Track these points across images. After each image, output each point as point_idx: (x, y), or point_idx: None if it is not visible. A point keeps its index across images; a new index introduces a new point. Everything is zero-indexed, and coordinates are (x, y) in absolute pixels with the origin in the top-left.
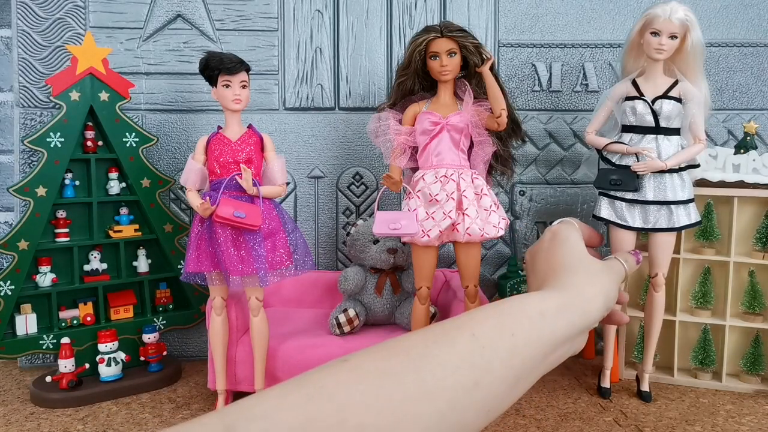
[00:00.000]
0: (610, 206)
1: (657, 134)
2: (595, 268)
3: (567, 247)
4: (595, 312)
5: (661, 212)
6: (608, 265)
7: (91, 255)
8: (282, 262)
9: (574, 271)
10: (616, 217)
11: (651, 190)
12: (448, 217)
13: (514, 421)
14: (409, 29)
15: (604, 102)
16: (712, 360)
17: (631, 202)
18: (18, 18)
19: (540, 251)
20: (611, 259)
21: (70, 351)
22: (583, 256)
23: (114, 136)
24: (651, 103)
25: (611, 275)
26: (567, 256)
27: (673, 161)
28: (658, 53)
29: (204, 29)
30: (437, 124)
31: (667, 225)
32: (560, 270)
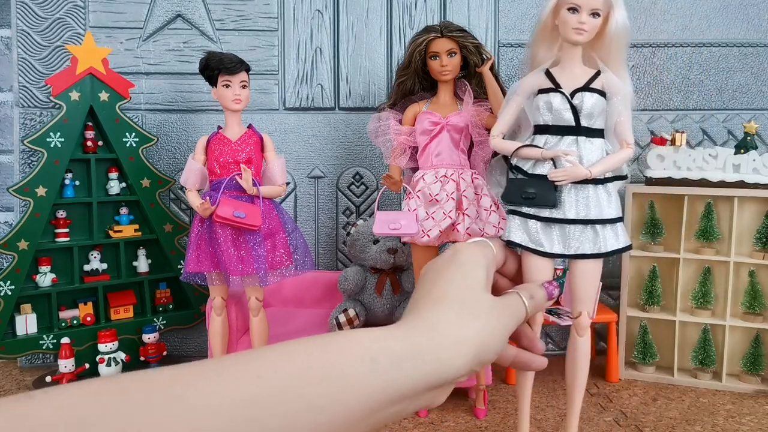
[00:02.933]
0: (522, 227)
1: (578, 135)
2: (480, 306)
3: (457, 274)
4: (458, 362)
5: (585, 234)
6: (502, 302)
7: (91, 255)
8: (282, 263)
9: (447, 305)
10: (530, 241)
11: (572, 205)
12: (448, 217)
13: (514, 421)
14: (409, 29)
15: (512, 97)
16: (712, 360)
17: (547, 221)
18: (18, 18)
19: (431, 271)
20: (510, 295)
21: (70, 351)
22: (472, 288)
23: (114, 136)
24: (570, 97)
25: (501, 317)
26: (450, 284)
27: (598, 168)
28: (578, 34)
29: (204, 29)
30: (437, 124)
31: (591, 250)
32: (432, 301)
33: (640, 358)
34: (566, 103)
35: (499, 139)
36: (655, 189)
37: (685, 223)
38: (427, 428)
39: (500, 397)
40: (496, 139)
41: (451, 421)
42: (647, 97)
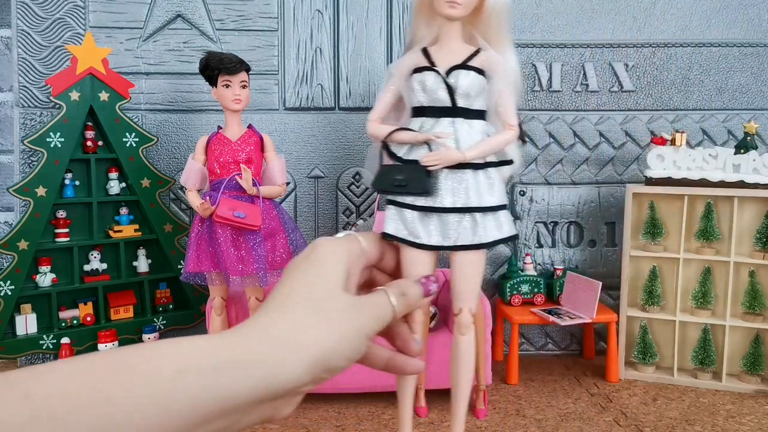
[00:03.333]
0: (398, 218)
1: (455, 117)
2: (328, 308)
3: (309, 273)
4: (293, 371)
5: (463, 224)
6: (360, 303)
7: (91, 255)
8: (282, 262)
9: (289, 308)
10: (406, 233)
11: (449, 193)
12: None
13: (514, 421)
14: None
15: (389, 79)
16: (712, 360)
17: (424, 210)
18: (18, 18)
19: (288, 268)
20: (375, 293)
21: (70, 351)
22: (322, 289)
23: (114, 136)
24: (445, 76)
25: (356, 319)
26: (299, 284)
27: (474, 152)
28: (451, 8)
29: (204, 29)
30: None
31: (471, 241)
32: (274, 304)
33: (640, 358)
34: (441, 82)
35: (374, 124)
36: (655, 189)
37: (685, 223)
38: (427, 428)
39: (500, 397)
40: (372, 123)
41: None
42: (647, 97)
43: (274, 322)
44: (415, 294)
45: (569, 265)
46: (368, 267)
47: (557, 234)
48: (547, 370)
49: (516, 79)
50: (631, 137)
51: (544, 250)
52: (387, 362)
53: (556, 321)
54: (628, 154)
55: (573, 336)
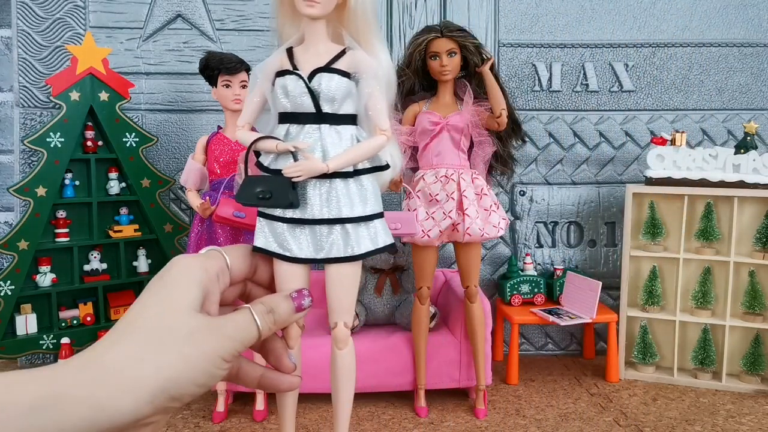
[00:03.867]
0: (268, 230)
1: (321, 123)
2: (173, 334)
3: (156, 296)
4: (127, 405)
5: (334, 235)
6: (215, 324)
7: (91, 255)
8: None
9: (128, 337)
10: (277, 246)
11: (318, 203)
12: (448, 217)
13: (514, 422)
14: (409, 29)
15: (255, 82)
16: (712, 360)
17: (295, 222)
18: (18, 18)
19: (145, 290)
20: (238, 311)
21: (70, 351)
22: (168, 313)
23: (114, 136)
24: (307, 80)
25: (206, 342)
26: (143, 309)
27: (338, 161)
28: (309, 7)
29: (204, 29)
30: (437, 124)
31: (343, 253)
32: (117, 331)
33: (640, 358)
34: (303, 87)
35: (242, 130)
36: (655, 189)
37: (685, 223)
38: (427, 428)
39: (500, 397)
40: (240, 131)
41: (451, 421)
42: (647, 97)
43: (110, 353)
44: (286, 310)
45: (569, 265)
46: (242, 281)
47: (557, 234)
48: (547, 370)
49: (389, 79)
50: (631, 137)
51: (544, 250)
52: (260, 379)
53: (556, 321)
54: (628, 154)
55: (573, 336)
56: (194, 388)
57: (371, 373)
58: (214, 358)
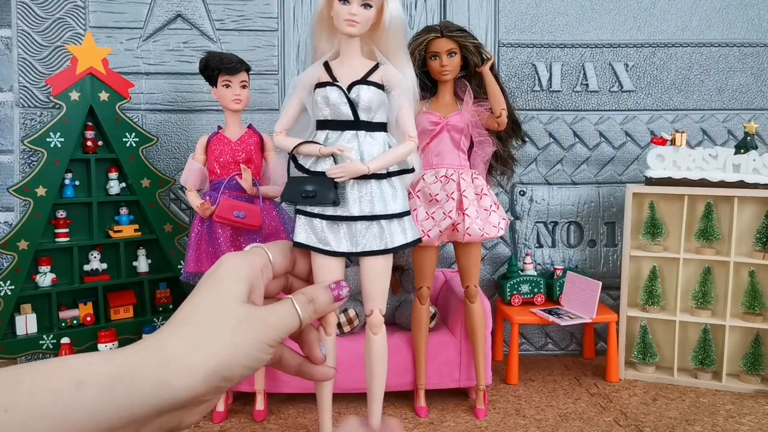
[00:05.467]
0: (308, 227)
1: (357, 130)
2: (224, 323)
3: (209, 291)
4: (186, 384)
5: (371, 230)
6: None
7: (91, 255)
8: None
9: (186, 325)
10: (317, 241)
11: (356, 202)
12: (448, 217)
13: (514, 422)
14: (409, 29)
15: (293, 92)
16: (712, 360)
17: (333, 219)
18: (18, 18)
19: (197, 286)
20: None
21: (70, 351)
22: (220, 304)
23: (114, 136)
24: (347, 91)
25: (252, 330)
26: (198, 302)
27: (377, 164)
28: (350, 26)
29: (204, 29)
30: (437, 124)
31: (378, 246)
32: (175, 321)
33: (640, 358)
34: (343, 97)
35: (280, 136)
36: (655, 189)
37: (685, 223)
38: (427, 428)
39: (500, 397)
40: (278, 136)
41: (451, 421)
42: (647, 97)
43: (169, 340)
44: (325, 299)
45: (569, 265)
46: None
47: (557, 234)
48: (547, 370)
49: (414, 91)
50: (631, 137)
51: (544, 250)
52: (298, 368)
53: (556, 321)
54: (628, 154)
55: (573, 336)
56: (243, 370)
57: None
58: (259, 344)
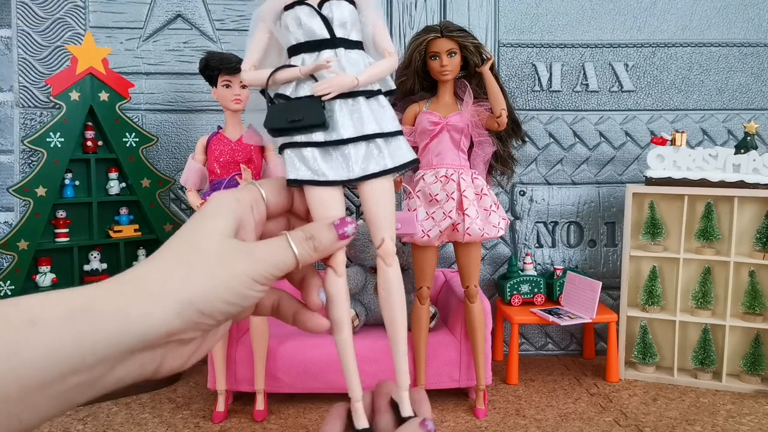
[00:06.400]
0: (298, 160)
1: (335, 48)
2: (201, 255)
3: (190, 225)
4: (157, 318)
5: (368, 152)
6: (251, 248)
7: (91, 255)
8: None
9: (160, 257)
10: (310, 173)
11: (346, 123)
12: (448, 217)
13: (514, 421)
14: (409, 29)
15: (257, 24)
16: (712, 360)
17: (324, 146)
18: (18, 18)
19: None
20: (274, 239)
21: None
22: (200, 238)
23: (114, 136)
24: (318, 8)
25: (242, 263)
26: (178, 236)
27: (366, 76)
28: None
29: (204, 29)
30: (437, 124)
31: (378, 168)
32: (152, 256)
33: (640, 358)
34: (315, 14)
35: (249, 72)
36: (655, 189)
37: (685, 223)
38: None
39: (500, 397)
40: (247, 72)
41: (451, 421)
42: (647, 97)
43: (139, 271)
44: (328, 237)
45: (569, 265)
46: (284, 215)
47: (557, 234)
48: (547, 370)
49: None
50: (631, 137)
51: (544, 250)
52: (294, 316)
53: (556, 321)
54: (628, 154)
55: (573, 336)
56: (223, 305)
57: (371, 373)
58: (244, 279)
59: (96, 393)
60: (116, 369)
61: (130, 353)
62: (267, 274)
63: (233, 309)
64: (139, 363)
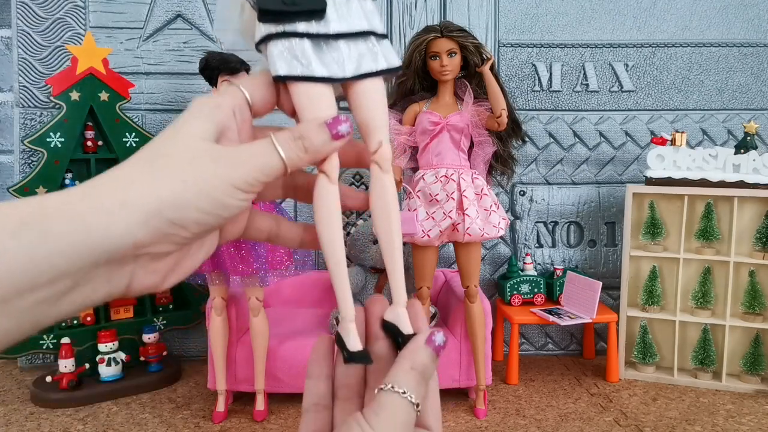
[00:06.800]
0: (288, 53)
1: None
2: (173, 159)
3: (169, 129)
4: (123, 227)
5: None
6: (230, 152)
7: None
8: (282, 262)
9: (129, 164)
10: (301, 68)
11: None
12: (448, 217)
13: (514, 421)
14: (409, 29)
15: None
16: (712, 360)
17: (317, 39)
18: (18, 18)
19: None
20: (257, 141)
21: (70, 351)
22: (176, 141)
23: (114, 136)
24: None
25: (212, 167)
26: (155, 141)
27: None
28: None
29: (204, 29)
30: (437, 124)
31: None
32: (121, 162)
33: (640, 358)
34: None
35: None
36: (655, 189)
37: (685, 223)
38: None
39: (500, 397)
40: None
41: (451, 421)
42: (647, 97)
43: (104, 179)
44: (319, 137)
45: (569, 265)
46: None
47: (557, 234)
48: (547, 370)
49: None
50: (631, 137)
51: (544, 250)
52: (300, 239)
53: (556, 321)
54: (628, 154)
55: (573, 336)
56: (197, 214)
57: None
58: (220, 184)
59: (63, 312)
60: (80, 285)
61: (94, 267)
62: (249, 180)
63: (211, 219)
64: (105, 279)
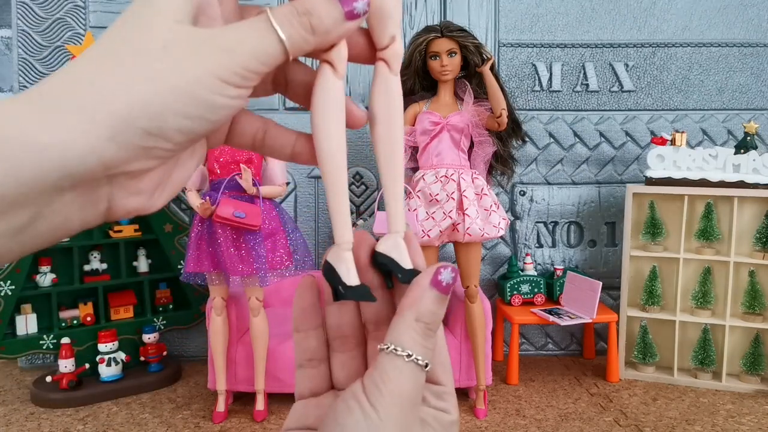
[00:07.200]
0: None
1: None
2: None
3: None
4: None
5: None
6: (202, 35)
7: (91, 255)
8: (282, 262)
9: (83, 56)
10: None
11: None
12: (448, 217)
13: (514, 422)
14: (410, 29)
15: None
16: (712, 360)
17: None
18: (18, 18)
19: None
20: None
21: (70, 351)
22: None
23: None
24: None
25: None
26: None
27: None
28: None
29: None
30: (437, 123)
31: None
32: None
33: (640, 358)
34: None
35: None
36: (655, 189)
37: (685, 223)
38: None
39: (500, 397)
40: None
41: None
42: (647, 97)
43: (56, 81)
44: (329, 13)
45: (569, 265)
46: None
47: (557, 234)
48: (547, 370)
49: None
50: (631, 137)
51: (544, 250)
52: (253, 137)
53: (556, 321)
54: (628, 154)
55: (573, 336)
56: (179, 120)
57: None
58: (204, 78)
59: (28, 246)
60: (45, 216)
61: (57, 192)
62: (241, 70)
63: (196, 125)
64: (76, 205)
